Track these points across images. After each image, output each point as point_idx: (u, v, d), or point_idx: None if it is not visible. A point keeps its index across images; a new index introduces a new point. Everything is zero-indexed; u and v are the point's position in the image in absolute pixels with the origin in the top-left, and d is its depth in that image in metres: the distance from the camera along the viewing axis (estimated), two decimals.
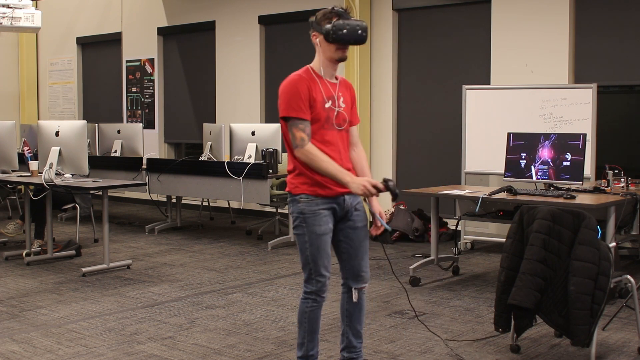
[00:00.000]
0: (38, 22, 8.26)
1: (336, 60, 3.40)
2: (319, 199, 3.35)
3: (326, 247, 3.37)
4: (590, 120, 6.34)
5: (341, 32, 3.29)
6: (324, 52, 3.38)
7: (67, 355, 4.05)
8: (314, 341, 3.47)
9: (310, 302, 3.41)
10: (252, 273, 6.16)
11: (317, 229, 3.34)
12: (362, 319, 3.57)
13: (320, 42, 3.38)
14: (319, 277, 3.37)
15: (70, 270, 6.26)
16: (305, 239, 3.36)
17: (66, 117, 11.84)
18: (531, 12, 7.24)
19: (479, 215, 5.77)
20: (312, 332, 3.45)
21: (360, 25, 3.32)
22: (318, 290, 3.39)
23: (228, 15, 9.77)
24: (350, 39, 3.31)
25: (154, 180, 7.86)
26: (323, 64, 3.41)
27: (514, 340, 4.08)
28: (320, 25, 3.35)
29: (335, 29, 3.29)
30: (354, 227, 3.48)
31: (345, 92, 3.47)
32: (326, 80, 3.40)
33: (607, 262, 3.66)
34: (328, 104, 3.35)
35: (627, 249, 6.47)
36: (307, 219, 3.35)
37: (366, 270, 3.52)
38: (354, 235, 3.48)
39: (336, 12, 3.36)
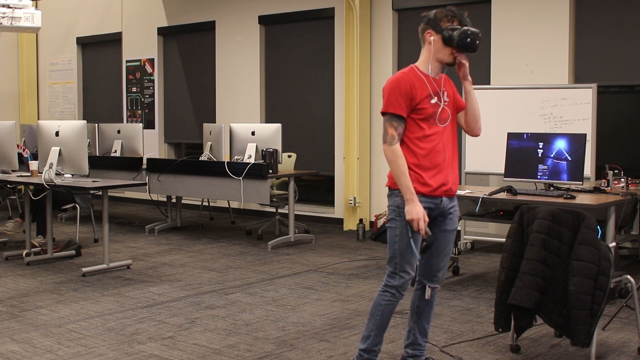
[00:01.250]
0: (38, 22, 8.26)
1: (446, 64, 3.42)
2: (418, 196, 3.32)
3: (416, 244, 3.36)
4: (590, 120, 6.34)
5: (466, 40, 3.31)
6: (436, 53, 3.38)
7: (67, 355, 4.05)
8: (380, 336, 3.47)
9: (389, 296, 3.42)
10: (252, 273, 6.16)
11: None
12: (430, 317, 3.64)
13: (435, 42, 3.36)
14: (403, 273, 3.40)
15: (70, 270, 6.26)
16: (396, 233, 3.37)
17: (66, 117, 11.85)
18: (531, 12, 7.24)
19: (479, 215, 5.76)
20: (381, 327, 3.45)
21: (479, 35, 3.36)
22: (399, 285, 3.41)
23: (228, 15, 9.78)
24: (470, 47, 3.34)
25: (154, 180, 7.86)
26: (432, 63, 3.40)
27: (514, 340, 4.08)
28: (439, 25, 3.33)
29: (462, 36, 3.30)
30: (444, 229, 3.50)
31: (448, 86, 3.48)
32: (431, 77, 3.41)
33: (607, 262, 3.66)
34: (434, 100, 3.36)
35: (627, 249, 6.47)
36: (402, 213, 3.33)
37: (444, 272, 3.58)
38: (441, 237, 3.50)
39: (458, 15, 3.37)
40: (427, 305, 3.60)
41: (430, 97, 3.34)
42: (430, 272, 3.56)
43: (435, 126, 3.36)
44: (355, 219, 8.29)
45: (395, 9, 8.27)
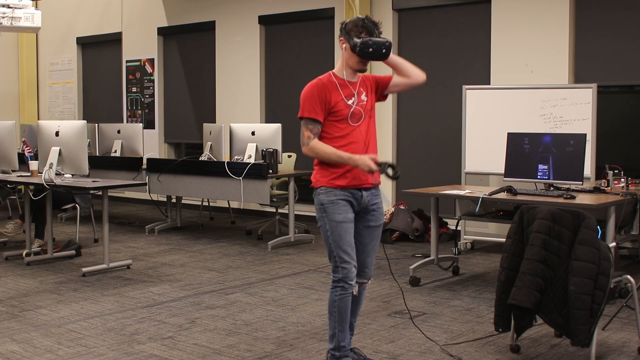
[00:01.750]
0: (38, 22, 8.26)
1: (356, 71, 3.65)
2: (337, 190, 3.55)
3: (347, 235, 3.54)
4: (590, 120, 6.34)
5: (368, 50, 3.51)
6: (348, 60, 3.61)
7: (67, 355, 4.05)
8: (344, 331, 3.57)
9: (339, 291, 3.54)
10: (252, 273, 6.16)
11: (337, 217, 3.53)
12: (357, 312, 3.76)
13: (346, 50, 3.60)
14: (344, 264, 3.53)
15: (70, 270, 6.26)
16: (326, 228, 3.56)
17: (66, 117, 11.84)
18: (531, 12, 7.24)
19: (479, 215, 5.77)
20: (342, 322, 3.55)
21: (386, 45, 3.54)
22: (344, 277, 3.53)
23: (228, 15, 9.77)
24: (374, 56, 3.55)
25: (154, 180, 7.86)
26: (345, 69, 3.65)
27: (514, 340, 4.08)
28: (349, 35, 3.56)
29: (363, 46, 3.51)
30: (368, 225, 3.67)
31: (367, 84, 3.72)
32: (347, 80, 3.64)
33: (607, 262, 3.66)
34: (351, 101, 3.60)
35: (627, 249, 6.47)
36: (326, 208, 3.55)
37: (370, 268, 3.72)
38: (365, 232, 3.66)
39: (367, 27, 3.54)
40: (354, 301, 3.68)
41: (343, 100, 3.57)
42: (360, 269, 3.66)
43: (350, 125, 3.57)
44: None
45: (395, 9, 8.27)
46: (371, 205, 3.66)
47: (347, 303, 3.56)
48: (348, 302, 3.56)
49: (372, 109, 3.73)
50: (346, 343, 3.59)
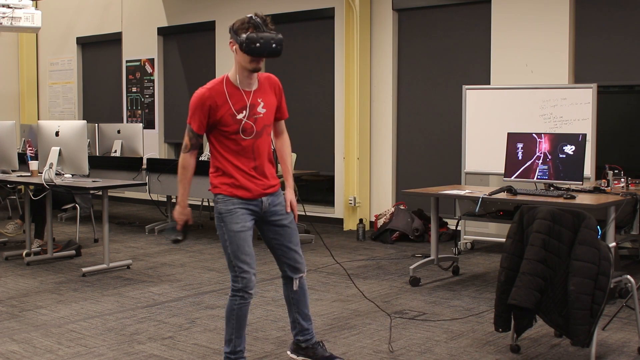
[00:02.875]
0: (38, 22, 8.26)
1: (250, 71, 3.48)
2: (235, 199, 3.52)
3: (245, 244, 3.51)
4: (590, 120, 6.34)
5: (254, 45, 3.35)
6: (239, 62, 3.47)
7: (67, 355, 4.05)
8: (241, 337, 3.59)
9: (238, 300, 3.54)
10: None
11: (234, 227, 3.49)
12: (307, 302, 3.80)
13: (237, 51, 3.46)
14: (243, 274, 3.51)
15: (70, 270, 6.26)
16: (225, 238, 3.51)
17: (66, 117, 11.85)
18: (531, 12, 7.24)
19: (479, 215, 5.77)
20: (239, 329, 3.57)
21: (275, 39, 3.38)
22: (244, 287, 3.52)
23: (228, 15, 9.77)
24: (263, 52, 3.37)
25: (154, 180, 7.86)
26: (239, 72, 3.51)
27: (514, 340, 4.08)
28: (237, 35, 3.43)
29: (248, 42, 3.36)
30: (281, 224, 3.66)
31: (268, 93, 3.60)
32: (242, 90, 3.50)
33: (607, 262, 3.66)
34: (240, 115, 3.46)
35: (627, 249, 6.47)
36: (224, 218, 3.51)
37: (301, 262, 3.74)
38: (282, 231, 3.67)
39: (253, 23, 3.40)
40: (300, 294, 3.75)
41: (234, 114, 3.45)
42: (290, 265, 3.72)
43: (244, 140, 3.50)
44: (355, 219, 8.29)
45: (395, 9, 8.27)
46: (274, 207, 3.63)
47: (245, 311, 3.56)
48: (246, 311, 3.56)
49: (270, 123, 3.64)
50: (242, 347, 3.61)
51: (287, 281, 3.78)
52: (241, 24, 3.43)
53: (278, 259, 3.77)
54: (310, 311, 3.84)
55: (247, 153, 3.52)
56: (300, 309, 3.78)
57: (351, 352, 4.07)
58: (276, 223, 3.65)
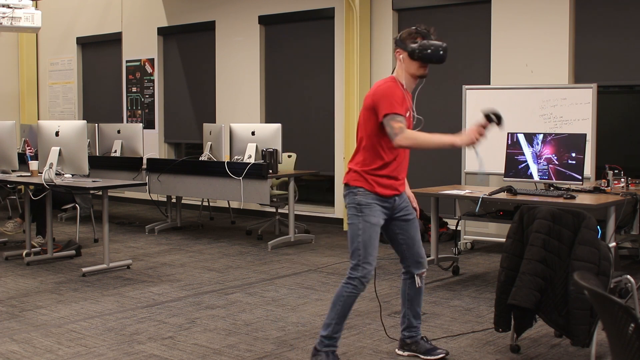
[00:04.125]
0: (38, 22, 8.26)
1: (417, 77, 3.73)
2: (374, 195, 3.69)
3: (376, 238, 3.70)
4: (590, 120, 6.34)
5: (426, 51, 3.62)
6: (408, 69, 3.69)
7: (67, 355, 4.05)
8: (341, 324, 3.73)
9: (351, 288, 3.67)
10: (252, 273, 6.16)
11: (372, 219, 3.68)
12: (421, 301, 3.97)
13: (404, 59, 3.69)
14: (366, 265, 3.67)
15: (70, 270, 6.26)
16: (359, 227, 3.67)
17: (66, 117, 11.84)
18: (531, 12, 7.24)
19: (479, 215, 5.77)
20: (342, 316, 3.71)
21: (442, 47, 3.65)
22: (362, 276, 3.66)
23: (228, 15, 9.77)
24: (433, 58, 3.64)
25: (154, 180, 7.86)
26: (406, 78, 3.72)
27: (514, 340, 4.08)
28: (405, 44, 3.67)
29: (421, 49, 3.62)
30: (407, 219, 3.84)
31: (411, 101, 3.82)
32: (407, 92, 3.75)
33: (607, 262, 3.66)
34: (408, 114, 3.71)
35: (627, 249, 6.47)
36: (363, 209, 3.68)
37: (424, 257, 3.92)
38: (407, 227, 3.84)
39: (420, 33, 3.67)
40: (418, 292, 3.91)
41: (407, 110, 3.69)
42: (414, 260, 3.88)
43: None
44: None
45: (395, 9, 8.27)
46: (401, 204, 3.82)
47: (353, 300, 3.69)
48: (353, 300, 3.69)
49: None
50: (338, 335, 3.74)
51: (408, 277, 3.92)
52: (408, 34, 3.69)
53: (403, 254, 3.91)
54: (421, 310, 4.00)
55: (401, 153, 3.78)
56: (413, 307, 3.94)
57: (351, 352, 4.07)
58: (402, 218, 3.83)
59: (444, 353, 3.96)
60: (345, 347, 4.15)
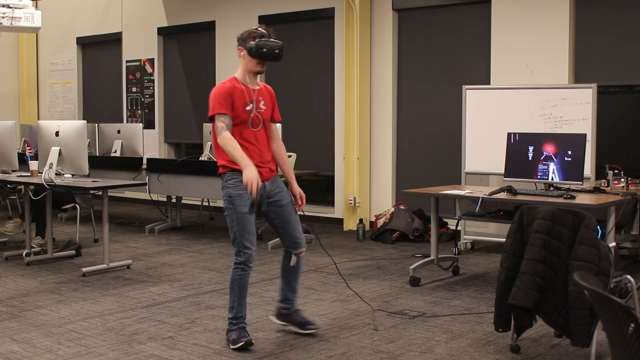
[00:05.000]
0: (38, 22, 8.26)
1: (255, 73, 4.13)
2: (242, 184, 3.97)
3: (250, 224, 4.05)
4: (590, 120, 6.34)
5: (262, 50, 4.02)
6: (247, 65, 4.11)
7: (67, 355, 4.05)
8: (242, 304, 4.14)
9: (240, 271, 4.10)
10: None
11: (242, 209, 4.03)
12: (298, 278, 4.37)
13: (244, 56, 4.09)
14: (246, 250, 4.07)
15: (70, 270, 6.26)
16: (233, 218, 4.05)
17: (66, 117, 11.85)
18: (531, 12, 7.24)
19: (479, 215, 5.77)
20: (241, 297, 4.13)
21: (278, 46, 4.05)
22: (245, 260, 4.09)
23: (228, 15, 9.77)
24: (268, 56, 4.04)
25: (154, 180, 7.86)
26: (247, 74, 4.13)
27: (514, 340, 4.08)
28: (245, 42, 4.06)
29: (257, 47, 4.02)
30: (280, 205, 4.19)
31: (266, 95, 4.20)
32: (249, 87, 4.12)
33: (607, 262, 3.66)
34: (249, 107, 4.07)
35: (627, 249, 6.47)
36: (233, 201, 4.04)
37: (301, 237, 4.26)
38: (281, 211, 4.19)
39: (260, 33, 4.05)
40: (294, 270, 4.30)
41: (245, 104, 4.05)
42: (291, 241, 4.24)
43: (251, 130, 4.08)
44: (355, 219, 8.29)
45: (395, 9, 8.27)
46: (274, 190, 4.16)
47: (246, 281, 4.12)
48: (247, 281, 4.12)
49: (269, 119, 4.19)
50: (243, 313, 4.13)
51: (287, 256, 4.29)
52: (249, 34, 4.05)
53: (281, 237, 4.27)
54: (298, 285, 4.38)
55: (253, 142, 4.07)
56: (289, 282, 4.34)
57: (351, 352, 4.07)
58: (276, 204, 4.17)
59: (315, 329, 4.35)
60: (345, 347, 4.15)
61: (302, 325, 4.36)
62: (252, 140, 4.07)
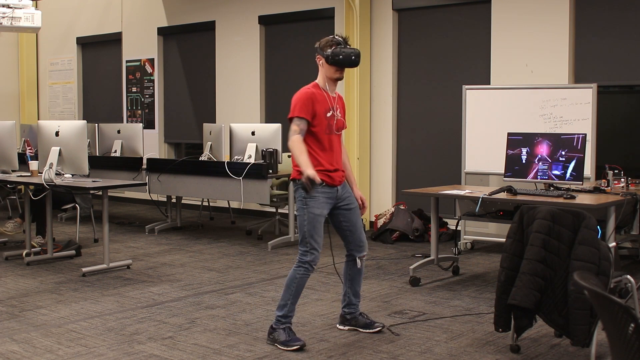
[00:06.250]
0: (38, 22, 8.26)
1: (335, 79, 4.24)
2: (319, 186, 4.05)
3: (320, 226, 4.12)
4: (590, 120, 6.34)
5: (338, 57, 4.15)
6: (326, 72, 4.21)
7: (67, 355, 4.05)
8: (294, 304, 4.17)
9: (303, 271, 4.14)
10: (252, 273, 6.16)
11: (315, 210, 4.11)
12: (361, 281, 4.43)
13: (323, 64, 4.21)
14: (313, 250, 4.14)
15: (70, 270, 6.26)
16: (304, 218, 4.12)
17: (66, 117, 11.84)
18: (531, 12, 7.24)
19: (479, 215, 5.76)
20: (296, 296, 4.16)
21: (354, 53, 4.21)
22: (311, 261, 4.14)
23: (228, 15, 9.77)
24: (345, 62, 4.17)
25: (154, 180, 7.86)
26: (326, 81, 4.24)
27: (514, 340, 4.08)
28: (323, 51, 4.19)
29: (333, 55, 4.15)
30: (349, 208, 4.28)
31: (340, 105, 4.31)
32: (329, 94, 4.23)
33: (607, 262, 3.66)
34: (329, 114, 4.17)
35: (627, 249, 6.47)
36: (308, 202, 4.10)
37: (365, 241, 4.37)
38: (349, 214, 4.29)
39: (336, 41, 4.20)
40: (358, 273, 4.38)
41: (326, 111, 4.16)
42: (356, 244, 4.33)
43: (332, 134, 4.18)
44: None
45: (395, 9, 8.27)
46: (344, 194, 4.25)
47: (304, 282, 4.15)
48: (305, 281, 4.15)
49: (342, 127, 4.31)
50: (292, 314, 4.16)
51: (350, 260, 4.38)
52: (326, 42, 4.21)
53: (346, 239, 4.35)
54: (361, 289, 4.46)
55: (327, 147, 4.17)
56: (353, 286, 4.40)
57: (351, 352, 4.07)
58: (345, 207, 4.26)
59: (381, 326, 4.42)
60: (345, 347, 4.15)
61: (368, 326, 4.41)
62: (326, 145, 4.16)
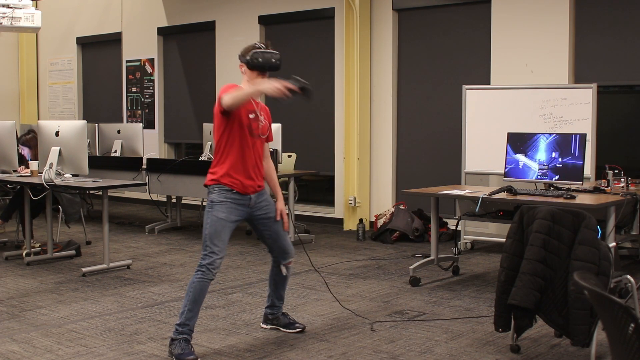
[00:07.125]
0: (38, 22, 8.25)
1: None
2: (229, 193, 4.03)
3: (222, 231, 4.01)
4: (590, 120, 6.34)
5: (257, 60, 4.09)
6: (249, 79, 4.12)
7: (67, 355, 4.05)
8: (194, 311, 4.00)
9: (200, 274, 4.01)
10: (252, 273, 6.16)
11: (220, 214, 4.01)
12: (285, 286, 4.47)
13: (245, 71, 4.15)
14: (212, 254, 4.01)
15: (70, 270, 6.26)
16: (208, 221, 4.03)
17: (66, 117, 11.85)
18: (531, 12, 7.24)
19: (479, 215, 5.77)
20: (194, 302, 3.99)
21: (274, 56, 4.14)
22: (209, 264, 4.01)
23: (228, 15, 9.77)
24: (265, 66, 4.10)
25: (154, 180, 7.86)
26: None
27: (514, 340, 4.08)
28: (244, 57, 4.14)
29: (252, 58, 4.09)
30: (268, 217, 4.22)
31: (265, 113, 4.26)
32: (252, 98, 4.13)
33: (607, 262, 3.66)
34: (252, 115, 4.09)
35: (627, 249, 6.47)
36: (214, 205, 4.04)
37: (290, 248, 4.34)
38: (270, 223, 4.23)
39: (257, 47, 4.15)
40: (283, 279, 4.39)
41: (249, 111, 4.06)
42: (281, 251, 4.30)
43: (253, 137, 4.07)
44: (355, 219, 8.29)
45: (395, 9, 8.27)
46: (260, 202, 4.16)
47: (204, 287, 4.00)
48: (205, 287, 4.01)
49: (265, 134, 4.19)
50: (192, 323, 3.99)
51: (276, 265, 4.35)
52: (247, 49, 4.14)
53: (270, 247, 4.32)
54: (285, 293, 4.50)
55: (252, 152, 4.06)
56: (277, 290, 4.44)
57: (351, 352, 4.07)
58: (264, 216, 4.19)
59: (301, 328, 4.45)
60: (345, 347, 4.15)
61: (289, 326, 4.47)
62: (250, 146, 4.06)
